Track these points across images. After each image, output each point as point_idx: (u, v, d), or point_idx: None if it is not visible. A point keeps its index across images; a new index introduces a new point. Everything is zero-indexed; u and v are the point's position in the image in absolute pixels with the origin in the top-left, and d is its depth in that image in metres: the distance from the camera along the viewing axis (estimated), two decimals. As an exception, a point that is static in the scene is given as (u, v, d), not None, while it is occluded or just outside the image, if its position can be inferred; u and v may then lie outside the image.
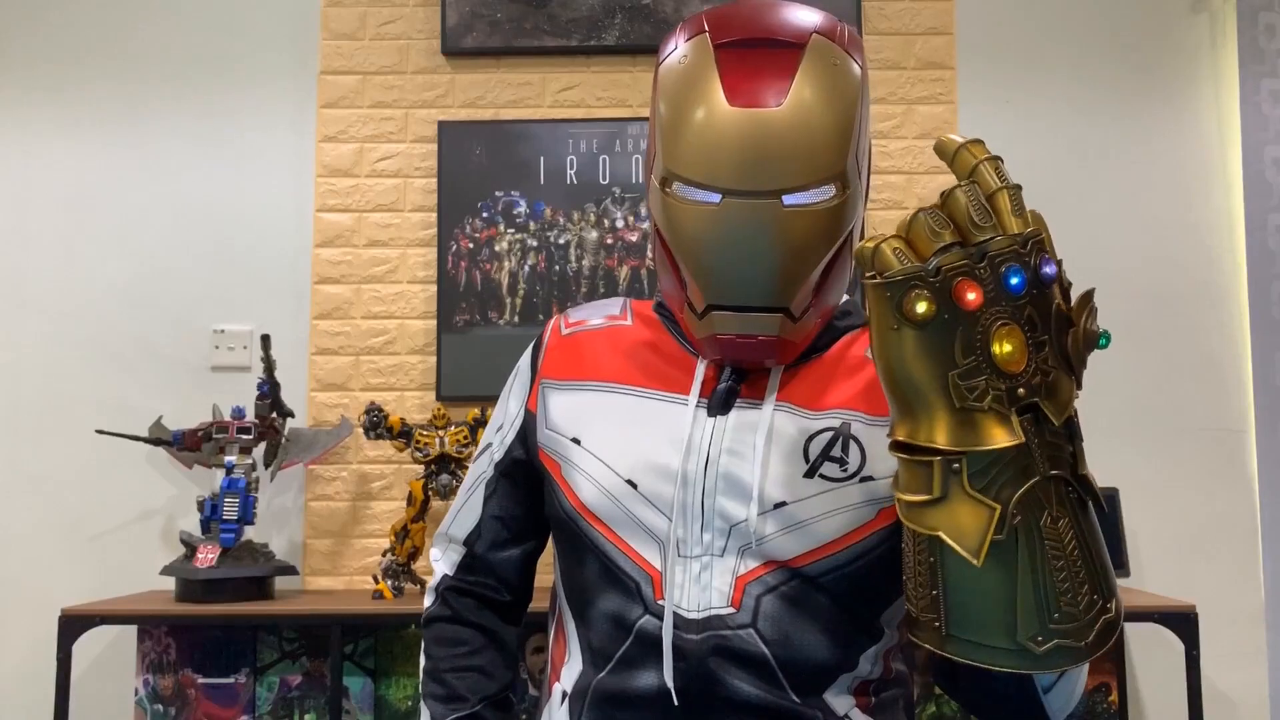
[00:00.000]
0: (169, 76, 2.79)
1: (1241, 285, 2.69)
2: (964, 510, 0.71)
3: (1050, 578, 0.71)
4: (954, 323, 0.69)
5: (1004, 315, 0.69)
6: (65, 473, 2.69)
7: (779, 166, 0.99)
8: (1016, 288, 0.70)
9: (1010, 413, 0.70)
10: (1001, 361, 0.69)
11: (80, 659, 2.48)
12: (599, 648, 1.07)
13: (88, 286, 2.75)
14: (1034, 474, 0.70)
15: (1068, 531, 0.72)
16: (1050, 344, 0.71)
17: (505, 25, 2.74)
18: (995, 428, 0.70)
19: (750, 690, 1.02)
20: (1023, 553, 0.71)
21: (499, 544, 1.20)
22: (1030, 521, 0.71)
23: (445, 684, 1.18)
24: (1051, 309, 0.71)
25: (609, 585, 1.07)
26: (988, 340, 0.69)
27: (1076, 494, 0.73)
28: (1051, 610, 0.72)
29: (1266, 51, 2.73)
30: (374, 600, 2.38)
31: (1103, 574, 0.74)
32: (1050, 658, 0.72)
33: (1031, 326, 0.70)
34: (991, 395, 0.70)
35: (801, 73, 1.01)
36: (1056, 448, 0.72)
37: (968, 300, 0.69)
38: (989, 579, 0.72)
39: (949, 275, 0.69)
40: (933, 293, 0.69)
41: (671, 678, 1.02)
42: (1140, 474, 2.63)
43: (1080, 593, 0.72)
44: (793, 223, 1.00)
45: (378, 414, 2.45)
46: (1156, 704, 2.58)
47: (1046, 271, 0.71)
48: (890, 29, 2.76)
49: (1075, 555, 0.72)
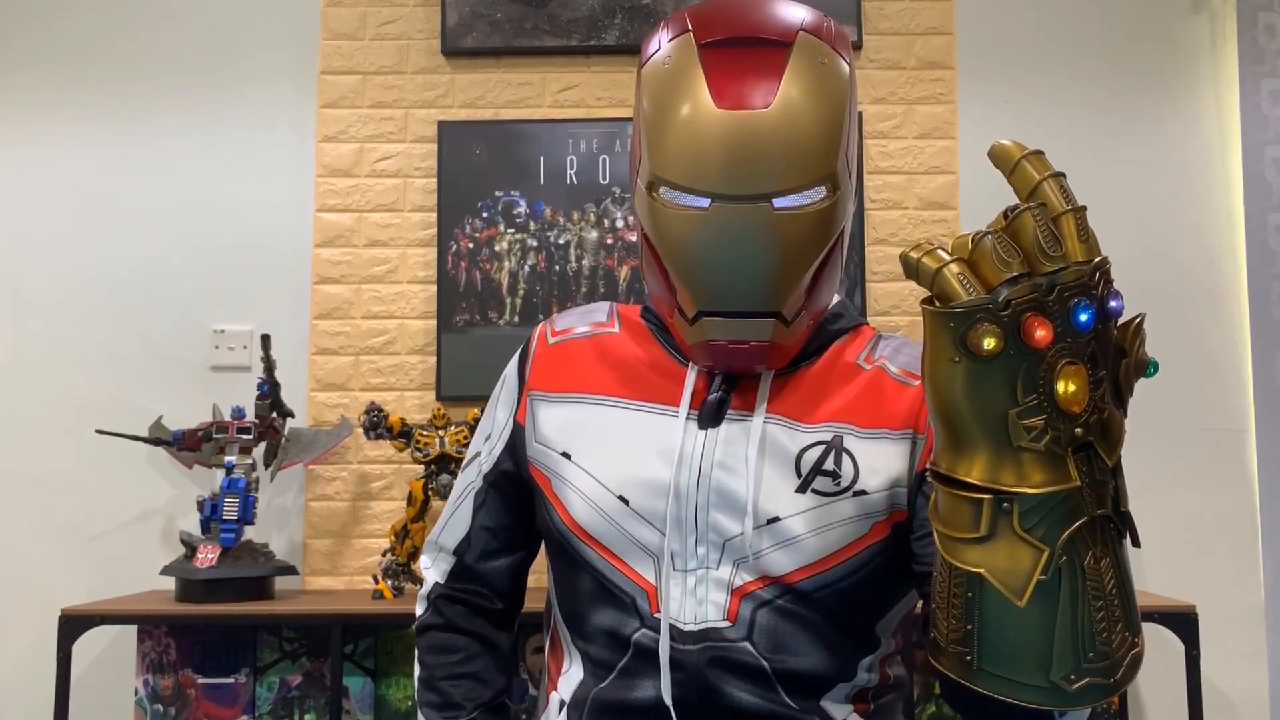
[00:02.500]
0: (169, 76, 2.79)
1: (1241, 285, 2.69)
2: (1012, 550, 0.69)
3: (1089, 617, 0.70)
4: (1019, 359, 0.66)
5: (1069, 353, 0.66)
6: (65, 473, 2.69)
7: (768, 169, 0.97)
8: (1085, 324, 0.67)
9: (1066, 453, 0.68)
10: (1064, 402, 0.66)
11: (80, 659, 2.47)
12: (599, 659, 1.06)
13: (87, 286, 2.75)
14: (1083, 514, 0.68)
15: (1109, 571, 0.71)
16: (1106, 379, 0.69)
17: (505, 25, 2.74)
18: (1051, 469, 0.68)
19: (749, 699, 1.01)
20: (1065, 593, 0.69)
21: (489, 554, 1.19)
22: (1074, 562, 0.69)
23: (440, 692, 1.17)
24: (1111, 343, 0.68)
25: (604, 600, 1.06)
26: (1051, 379, 0.66)
27: (1116, 530, 0.72)
28: (1087, 650, 0.70)
29: (1266, 51, 2.73)
30: (374, 600, 2.38)
31: (1134, 610, 0.73)
32: (1081, 695, 0.71)
33: (1093, 363, 0.68)
34: (1050, 436, 0.67)
35: (789, 72, 0.98)
36: (1103, 485, 0.71)
37: (1037, 337, 0.65)
38: (1029, 618, 0.70)
39: (1018, 309, 0.65)
40: (1001, 327, 0.65)
41: (669, 691, 1.01)
42: (1140, 474, 2.61)
43: (1115, 630, 0.71)
44: (784, 226, 0.98)
45: (378, 414, 2.45)
46: (1156, 704, 2.58)
47: (1114, 305, 0.68)
48: (890, 29, 2.76)
49: (1114, 594, 0.71)
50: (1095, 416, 0.67)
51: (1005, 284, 0.66)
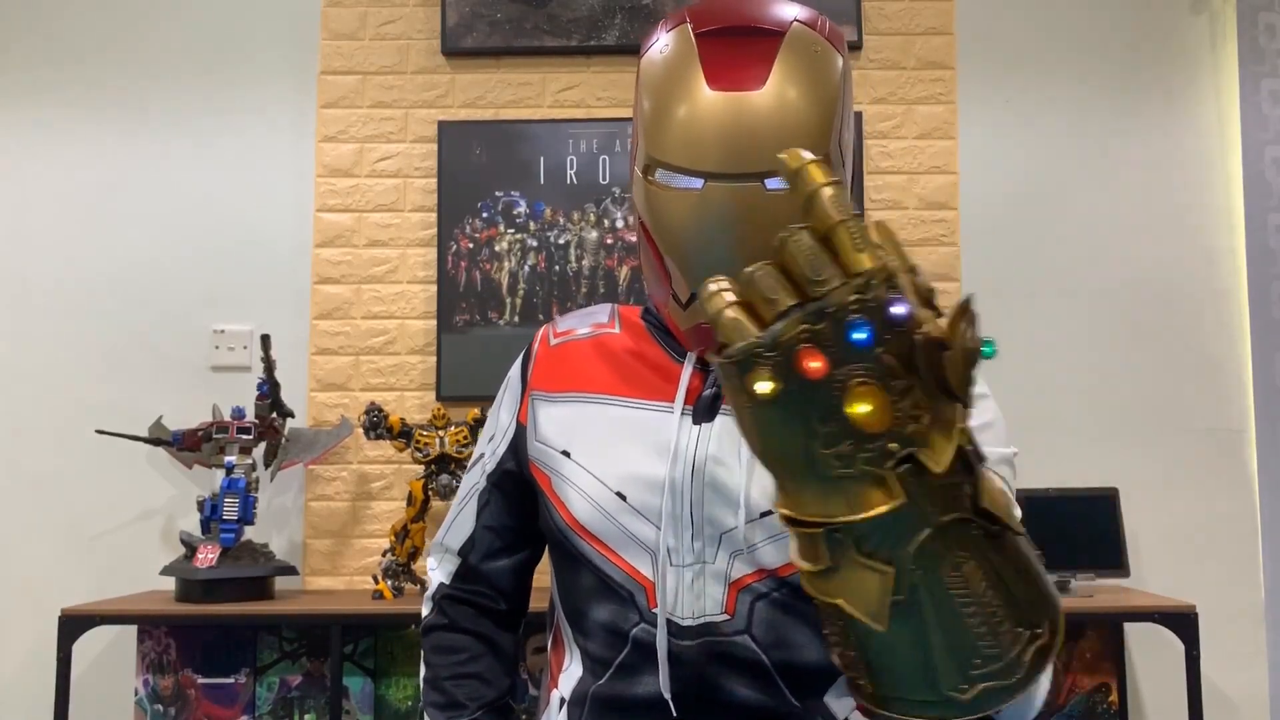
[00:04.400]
0: (169, 77, 2.79)
1: (1241, 285, 2.69)
2: (858, 577, 0.67)
3: (962, 627, 0.67)
4: (806, 393, 0.63)
5: (858, 373, 0.63)
6: (65, 473, 2.69)
7: (761, 149, 0.99)
8: (864, 343, 0.62)
9: (886, 472, 0.64)
10: (861, 423, 0.63)
11: (80, 659, 2.47)
12: (597, 655, 1.07)
13: (88, 286, 2.75)
14: (925, 526, 0.65)
15: (975, 574, 0.67)
16: (919, 384, 0.64)
17: (505, 25, 2.74)
18: (872, 492, 0.64)
19: (749, 694, 1.02)
20: (928, 608, 0.67)
21: (493, 554, 1.20)
22: (932, 575, 0.66)
23: (444, 692, 1.18)
24: (913, 346, 0.64)
25: (603, 596, 1.07)
26: (842, 405, 0.63)
27: (982, 530, 0.68)
28: (971, 658, 0.68)
29: (1266, 51, 2.73)
30: (374, 600, 2.38)
31: (1030, 603, 0.70)
32: (979, 703, 0.69)
33: (891, 375, 0.63)
34: (861, 459, 0.64)
35: (781, 58, 1.01)
36: (951, 488, 0.66)
37: (811, 370, 0.62)
38: (899, 640, 0.68)
39: (788, 345, 0.62)
40: (775, 368, 0.62)
41: (667, 686, 1.02)
42: (1140, 474, 2.63)
43: (1000, 632, 0.68)
44: (776, 206, 0.99)
45: (378, 414, 2.45)
46: (1156, 704, 2.58)
47: (895, 314, 0.63)
48: (890, 29, 2.76)
49: (988, 597, 0.68)
50: (913, 426, 0.64)
51: (778, 319, 0.63)
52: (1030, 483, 2.56)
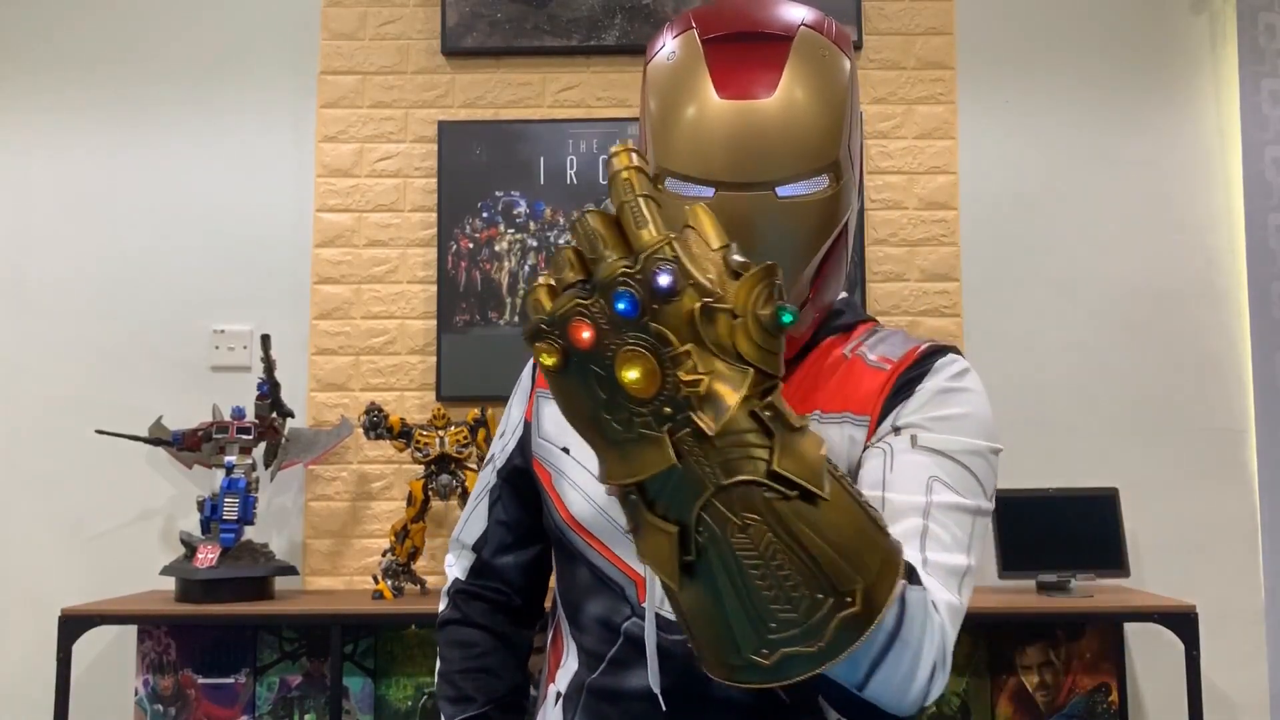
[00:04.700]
0: (169, 77, 2.79)
1: (1241, 285, 2.69)
2: (654, 538, 0.70)
3: (752, 589, 0.69)
4: (584, 363, 0.68)
5: (629, 342, 0.67)
6: (65, 473, 2.69)
7: (771, 157, 0.99)
8: (626, 312, 0.67)
9: (661, 434, 0.68)
10: (633, 389, 0.67)
11: (80, 659, 2.48)
12: (591, 649, 1.08)
13: (88, 286, 2.75)
14: (707, 487, 0.68)
15: (763, 538, 0.69)
16: (696, 351, 0.68)
17: (505, 25, 2.74)
18: (650, 453, 0.68)
19: (740, 692, 1.01)
20: (718, 570, 0.69)
21: (504, 549, 1.21)
22: (716, 537, 0.69)
23: (455, 685, 1.19)
24: (689, 316, 0.68)
25: (598, 590, 1.07)
26: (614, 372, 0.68)
27: (780, 494, 0.69)
28: (767, 621, 0.69)
29: (1266, 51, 2.73)
30: (374, 600, 2.38)
31: (832, 570, 0.70)
32: (784, 668, 0.70)
33: (663, 342, 0.68)
34: (638, 423, 0.68)
35: (790, 64, 1.01)
36: (739, 451, 0.68)
37: (582, 339, 0.68)
38: (701, 602, 0.71)
39: (563, 319, 0.68)
40: (554, 341, 0.68)
41: (657, 680, 1.02)
42: (1140, 474, 2.63)
43: (794, 598, 0.69)
44: (787, 214, 1.00)
45: (378, 414, 2.45)
46: (1156, 704, 2.58)
47: (661, 284, 0.67)
48: (890, 29, 2.76)
49: (780, 560, 0.69)
50: (690, 390, 0.67)
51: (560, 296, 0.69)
52: (1030, 483, 2.57)
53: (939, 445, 0.96)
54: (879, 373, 1.05)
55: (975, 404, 1.01)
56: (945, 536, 0.92)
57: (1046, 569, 2.46)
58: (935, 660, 0.85)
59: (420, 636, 2.53)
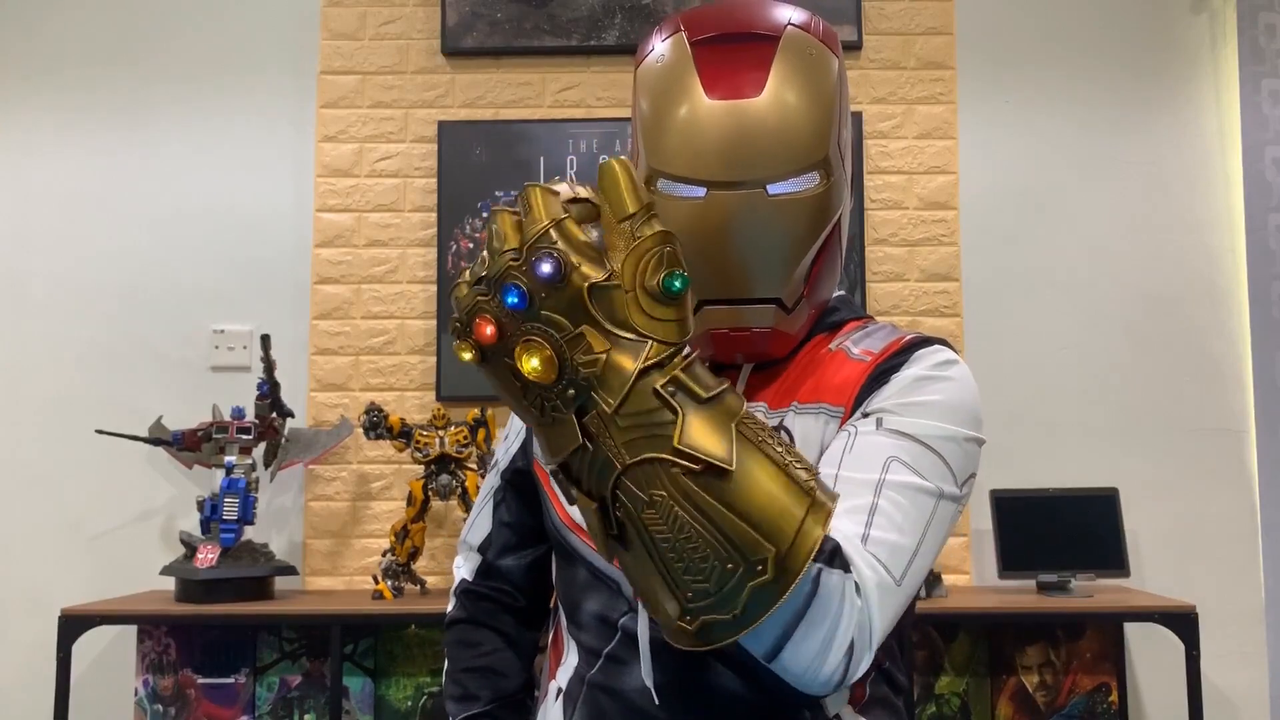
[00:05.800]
0: (169, 77, 2.79)
1: (1241, 285, 2.69)
2: (585, 514, 0.74)
3: (666, 561, 0.72)
4: (495, 356, 0.72)
5: (526, 333, 0.70)
6: (65, 473, 2.69)
7: (761, 156, 1.00)
8: (517, 304, 0.70)
9: (567, 417, 0.71)
10: (534, 377, 0.70)
11: (80, 659, 2.48)
12: (590, 646, 1.08)
13: (88, 286, 2.75)
14: (615, 466, 0.71)
15: (670, 511, 0.71)
16: (591, 332, 0.70)
17: (505, 25, 2.74)
18: (563, 435, 0.72)
19: (733, 685, 1.01)
20: (635, 543, 0.73)
21: (508, 550, 1.22)
22: (630, 512, 0.72)
23: (460, 684, 1.20)
24: (579, 298, 0.70)
25: (595, 587, 1.08)
26: (516, 363, 0.71)
27: (684, 468, 0.71)
28: (685, 589, 0.72)
29: (1266, 51, 2.73)
30: (374, 600, 2.38)
31: (741, 539, 0.72)
32: (705, 633, 0.73)
33: (556, 328, 0.70)
34: (549, 407, 0.71)
35: (778, 63, 1.02)
36: (648, 428, 0.71)
37: (486, 336, 0.71)
38: (632, 572, 0.75)
39: (469, 317, 0.72)
40: (465, 338, 0.72)
41: (650, 674, 1.02)
42: (1140, 474, 2.63)
43: (704, 568, 0.72)
44: (779, 212, 1.01)
45: (377, 414, 2.45)
46: (1156, 704, 2.58)
47: (543, 272, 0.70)
48: (890, 29, 2.76)
49: (688, 532, 0.71)
50: (588, 370, 0.70)
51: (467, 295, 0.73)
52: (1030, 483, 2.57)
53: (905, 428, 0.96)
54: (859, 364, 1.05)
55: (953, 392, 1.00)
56: (897, 515, 0.91)
57: (1046, 569, 2.46)
58: (853, 642, 0.84)
59: (420, 637, 2.53)
